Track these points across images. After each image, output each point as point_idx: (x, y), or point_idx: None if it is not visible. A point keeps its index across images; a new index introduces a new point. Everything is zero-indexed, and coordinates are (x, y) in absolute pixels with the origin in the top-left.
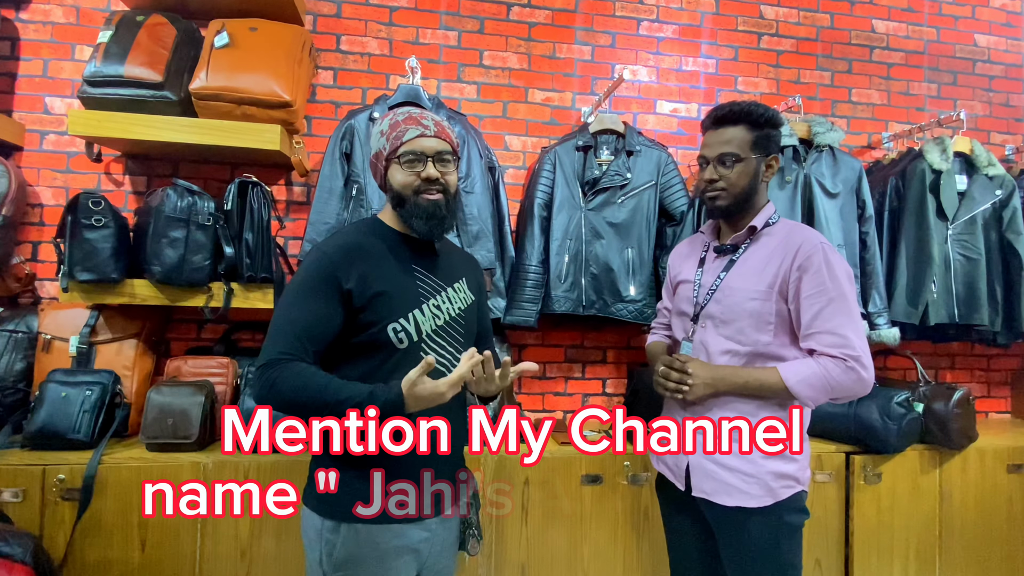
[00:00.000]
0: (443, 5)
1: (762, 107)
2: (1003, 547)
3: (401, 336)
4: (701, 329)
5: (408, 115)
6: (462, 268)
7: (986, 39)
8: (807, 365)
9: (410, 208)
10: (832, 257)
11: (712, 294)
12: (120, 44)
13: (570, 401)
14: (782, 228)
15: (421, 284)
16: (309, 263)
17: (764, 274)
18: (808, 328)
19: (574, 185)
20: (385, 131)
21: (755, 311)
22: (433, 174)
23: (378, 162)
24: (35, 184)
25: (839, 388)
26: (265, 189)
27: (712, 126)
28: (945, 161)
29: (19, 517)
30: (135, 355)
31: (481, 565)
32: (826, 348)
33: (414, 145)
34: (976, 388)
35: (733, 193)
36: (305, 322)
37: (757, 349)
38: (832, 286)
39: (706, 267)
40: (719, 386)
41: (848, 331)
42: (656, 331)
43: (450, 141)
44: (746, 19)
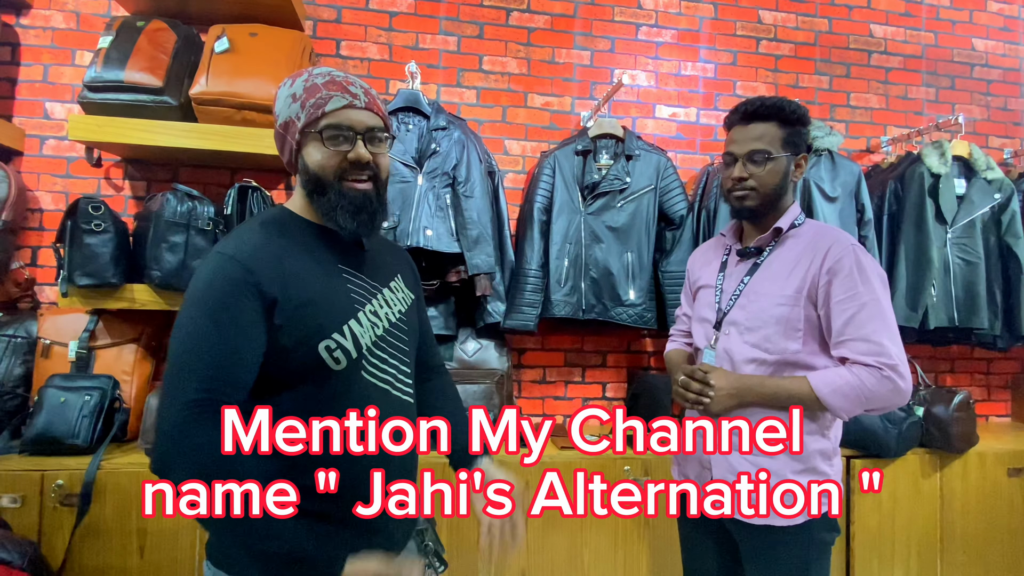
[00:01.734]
0: (443, 10)
1: (793, 103)
2: (1004, 551)
3: (337, 355)
4: (725, 336)
5: (330, 77)
6: (395, 263)
7: (984, 43)
8: (839, 374)
9: (332, 198)
10: (864, 259)
11: (736, 299)
12: (120, 49)
13: (570, 405)
14: (809, 229)
15: (353, 288)
16: (212, 273)
17: (791, 278)
18: (840, 335)
19: (573, 189)
20: (299, 95)
21: (783, 317)
22: (364, 156)
23: (287, 134)
24: (35, 189)
25: (874, 399)
26: (265, 194)
27: (740, 121)
28: (944, 165)
29: (18, 523)
30: (134, 360)
31: (481, 571)
32: (860, 356)
33: (339, 117)
34: (976, 392)
35: (763, 193)
36: (219, 349)
37: (785, 357)
38: (865, 290)
39: (728, 271)
40: (745, 397)
41: (883, 337)
42: (675, 338)
43: (383, 115)
44: (744, 24)
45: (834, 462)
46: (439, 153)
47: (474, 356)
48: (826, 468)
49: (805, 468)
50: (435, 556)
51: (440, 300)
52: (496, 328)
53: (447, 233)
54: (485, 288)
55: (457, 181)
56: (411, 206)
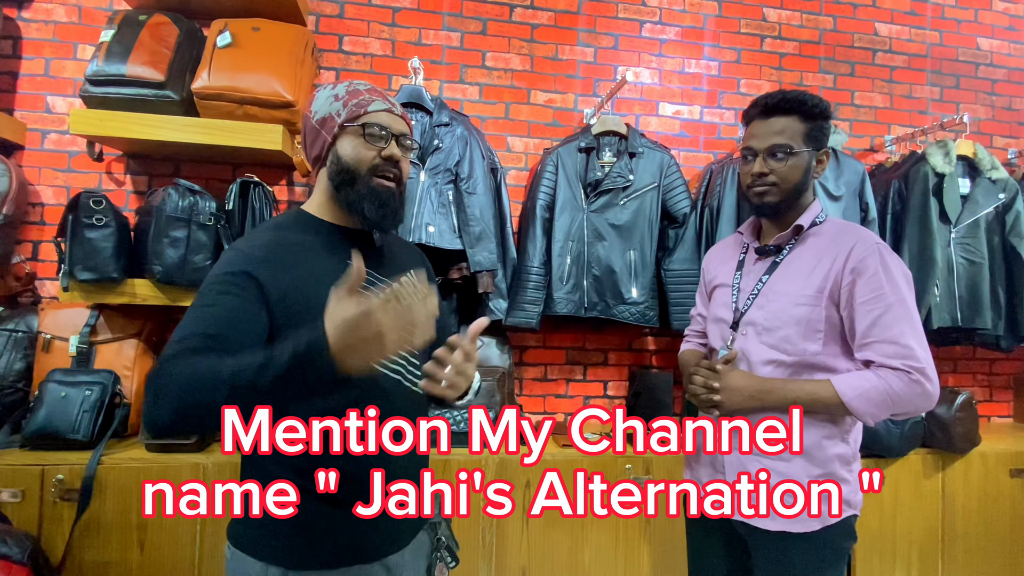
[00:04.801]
0: (446, 6)
1: (816, 97)
2: (1006, 552)
3: None
4: (742, 337)
5: (371, 86)
6: (409, 261)
7: (989, 43)
8: (865, 378)
9: (361, 190)
10: (889, 259)
11: (754, 299)
12: (122, 43)
13: (571, 403)
14: (831, 227)
15: (367, 286)
16: (222, 265)
17: (812, 277)
18: (865, 337)
19: (576, 187)
20: (341, 96)
21: (803, 317)
22: (396, 153)
23: (323, 129)
24: (36, 183)
25: (901, 403)
26: (267, 189)
27: (761, 115)
28: (948, 164)
29: (18, 517)
30: (135, 355)
31: (482, 569)
32: (886, 359)
33: (379, 118)
34: (979, 392)
35: (784, 189)
36: (217, 316)
37: (805, 359)
38: (890, 290)
39: (745, 270)
40: (766, 399)
41: (910, 340)
42: (690, 339)
43: (411, 127)
44: (749, 21)
45: (853, 467)
46: (442, 149)
47: None
48: (845, 474)
49: (824, 473)
50: (447, 551)
51: (442, 297)
52: (498, 325)
53: (449, 230)
54: (487, 285)
55: (460, 178)
56: (413, 202)
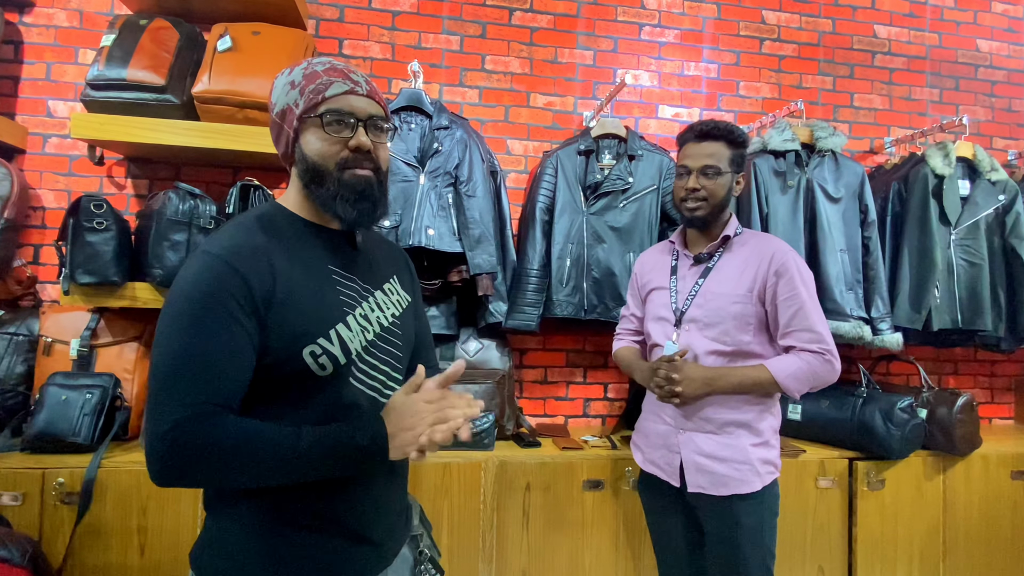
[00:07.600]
0: (445, 10)
1: (739, 128)
2: (1007, 554)
3: (323, 361)
4: (685, 332)
5: (330, 65)
6: (391, 264)
7: (988, 44)
8: (791, 361)
9: (331, 188)
10: (800, 263)
11: (692, 299)
12: (123, 48)
13: (571, 406)
14: (750, 237)
15: (343, 290)
16: (197, 274)
17: (743, 279)
18: (787, 327)
19: (576, 189)
20: (298, 82)
21: (738, 313)
22: (365, 143)
23: (284, 123)
24: (37, 187)
25: (818, 378)
26: (267, 192)
27: (695, 139)
28: (948, 166)
29: (18, 521)
30: (136, 358)
31: (482, 572)
32: (806, 344)
33: (341, 103)
34: (979, 394)
35: (712, 203)
36: (217, 358)
37: (740, 348)
38: (804, 289)
39: (680, 274)
40: (715, 385)
41: (821, 328)
42: (622, 337)
43: (384, 105)
44: (748, 24)
45: (777, 436)
46: (441, 152)
47: (475, 356)
48: (774, 442)
49: (761, 442)
50: (430, 562)
51: (442, 300)
52: (498, 328)
53: (449, 232)
54: (487, 288)
55: (459, 180)
56: (413, 205)
